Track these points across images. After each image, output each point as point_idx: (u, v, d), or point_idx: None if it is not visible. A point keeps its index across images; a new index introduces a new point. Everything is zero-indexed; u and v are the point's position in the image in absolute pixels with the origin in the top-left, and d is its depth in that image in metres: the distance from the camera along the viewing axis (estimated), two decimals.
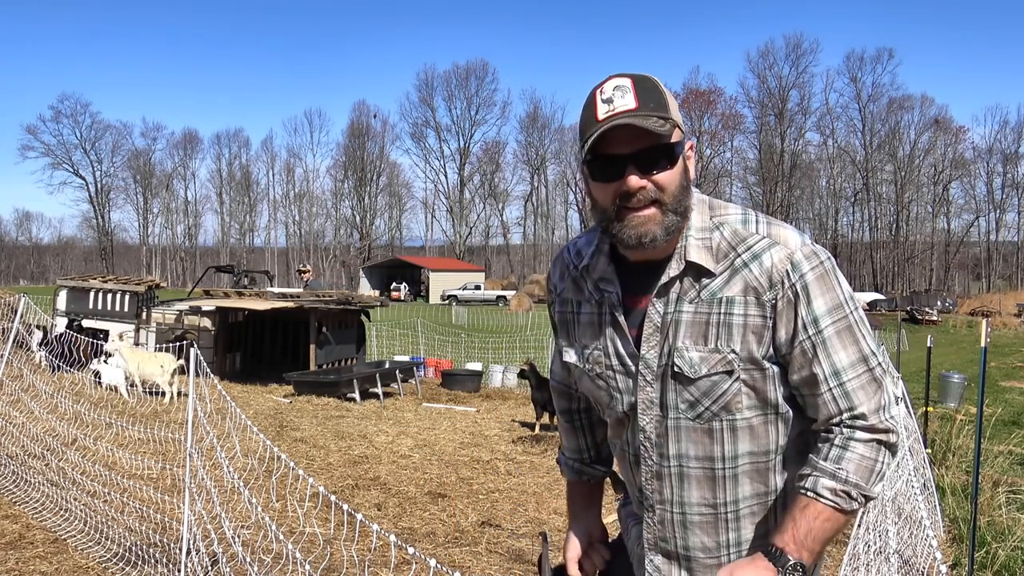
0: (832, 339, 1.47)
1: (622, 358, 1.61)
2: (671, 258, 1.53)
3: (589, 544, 1.89)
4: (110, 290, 13.60)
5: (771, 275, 1.47)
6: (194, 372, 4.10)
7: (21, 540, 4.87)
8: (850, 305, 1.50)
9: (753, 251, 1.49)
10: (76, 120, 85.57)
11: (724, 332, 1.50)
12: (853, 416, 1.47)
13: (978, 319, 39.85)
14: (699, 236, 1.53)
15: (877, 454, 1.47)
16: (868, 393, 1.47)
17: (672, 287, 1.53)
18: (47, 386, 7.22)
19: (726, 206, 1.57)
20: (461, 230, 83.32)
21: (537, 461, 7.88)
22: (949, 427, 9.29)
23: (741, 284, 1.49)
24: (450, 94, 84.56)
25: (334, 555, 4.69)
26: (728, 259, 1.50)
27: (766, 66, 76.23)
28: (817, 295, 1.47)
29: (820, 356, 1.47)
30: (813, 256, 1.49)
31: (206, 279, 21.05)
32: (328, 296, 15.01)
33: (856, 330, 1.49)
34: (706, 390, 1.53)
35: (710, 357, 1.51)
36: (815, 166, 78.47)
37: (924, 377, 9.32)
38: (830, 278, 1.49)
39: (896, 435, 1.49)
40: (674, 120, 1.47)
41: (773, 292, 1.47)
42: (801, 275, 1.47)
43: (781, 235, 1.50)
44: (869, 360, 1.48)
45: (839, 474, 1.46)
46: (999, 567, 4.97)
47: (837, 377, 1.47)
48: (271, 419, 9.54)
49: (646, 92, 1.46)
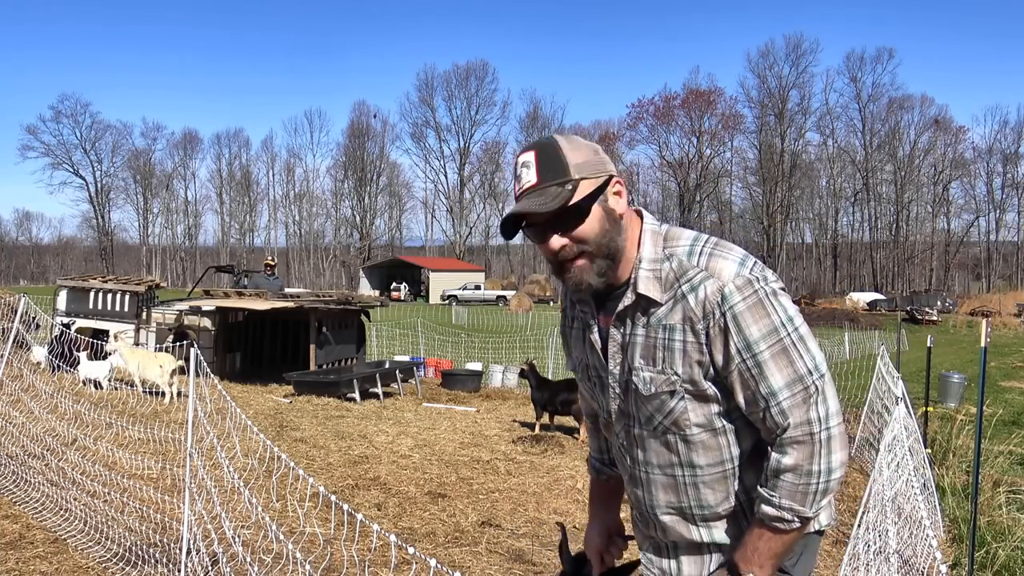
0: (767, 363, 1.58)
1: (597, 371, 1.82)
2: (627, 285, 1.69)
3: (608, 537, 2.04)
4: (110, 290, 13.59)
5: (704, 306, 1.60)
6: (194, 372, 4.09)
7: (21, 540, 4.87)
8: (786, 328, 1.59)
9: (692, 283, 1.63)
10: (76, 120, 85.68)
11: (668, 355, 1.65)
12: (785, 431, 1.59)
13: (978, 319, 39.83)
14: (649, 267, 1.67)
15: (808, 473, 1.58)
16: (802, 411, 1.58)
17: (627, 314, 1.70)
18: (47, 386, 7.22)
19: (679, 237, 1.71)
20: (461, 230, 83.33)
21: (537, 461, 7.88)
22: (949, 427, 9.29)
23: (680, 313, 1.63)
24: (450, 94, 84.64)
25: (334, 555, 4.69)
26: (672, 289, 1.65)
27: (766, 66, 76.30)
28: (749, 323, 1.58)
29: (757, 379, 1.59)
30: (747, 286, 1.59)
31: (206, 279, 21.03)
32: (328, 296, 15.01)
33: (791, 352, 1.59)
34: (657, 407, 1.70)
35: (657, 377, 1.67)
36: (815, 166, 78.49)
37: (924, 377, 9.32)
38: (764, 304, 1.59)
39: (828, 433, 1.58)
40: (575, 179, 1.61)
41: (705, 321, 1.61)
42: (731, 306, 1.58)
43: (717, 267, 1.62)
44: (804, 379, 1.59)
45: (773, 500, 1.61)
46: (999, 567, 4.97)
47: (774, 397, 1.59)
48: (271, 419, 9.54)
49: (547, 162, 1.63)
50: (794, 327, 1.60)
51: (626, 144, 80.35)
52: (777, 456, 1.61)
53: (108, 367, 10.67)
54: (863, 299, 55.39)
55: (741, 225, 79.70)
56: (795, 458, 1.59)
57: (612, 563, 2.01)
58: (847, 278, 77.16)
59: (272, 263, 16.16)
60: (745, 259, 1.64)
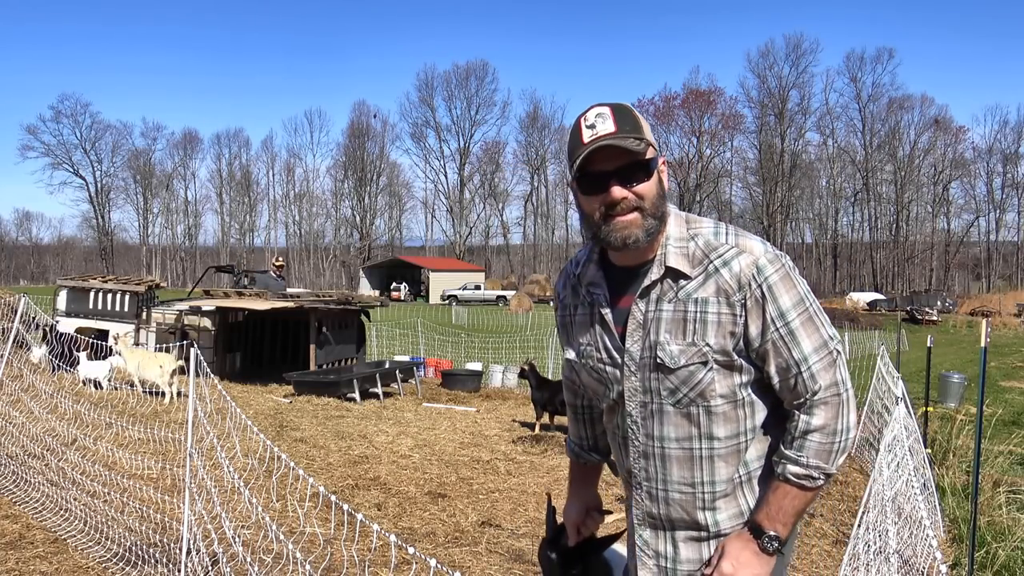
0: (798, 329, 1.71)
1: (610, 351, 1.84)
2: (652, 263, 1.78)
3: (586, 511, 2.17)
4: (110, 290, 13.59)
5: (739, 278, 1.71)
6: (194, 372, 4.09)
7: (21, 540, 4.86)
8: (809, 299, 1.74)
9: (724, 258, 1.72)
10: (76, 120, 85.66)
11: (700, 328, 1.73)
12: (814, 393, 1.71)
13: (978, 319, 39.85)
14: (677, 245, 1.76)
15: (834, 432, 1.71)
16: (829, 372, 1.72)
17: (653, 289, 1.77)
18: (47, 386, 7.22)
19: (700, 220, 1.81)
20: (461, 230, 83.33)
21: (537, 461, 7.87)
22: (949, 427, 9.29)
23: (714, 287, 1.72)
24: (450, 94, 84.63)
25: (334, 555, 4.69)
26: (702, 265, 1.74)
27: (766, 66, 76.28)
28: (782, 292, 1.71)
29: (790, 345, 1.71)
30: (776, 260, 1.73)
31: (206, 279, 21.04)
32: (328, 296, 15.01)
33: (815, 319, 1.73)
34: (684, 378, 1.75)
35: (688, 350, 1.73)
36: (815, 166, 78.49)
37: (924, 377, 9.32)
38: (791, 278, 1.73)
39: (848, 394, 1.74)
40: (648, 140, 1.71)
41: (742, 293, 1.71)
42: (765, 277, 1.70)
43: (747, 244, 1.74)
44: (828, 344, 1.73)
45: (801, 460, 1.71)
46: (999, 567, 4.97)
47: (805, 362, 1.71)
48: (271, 419, 9.54)
49: (623, 118, 1.70)
50: (812, 299, 1.75)
51: None
52: (806, 418, 1.72)
53: (108, 367, 10.67)
54: (863, 299, 55.39)
55: (741, 225, 79.46)
56: (823, 418, 1.71)
57: (588, 534, 2.16)
58: (847, 278, 77.17)
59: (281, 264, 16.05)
60: (765, 241, 1.78)
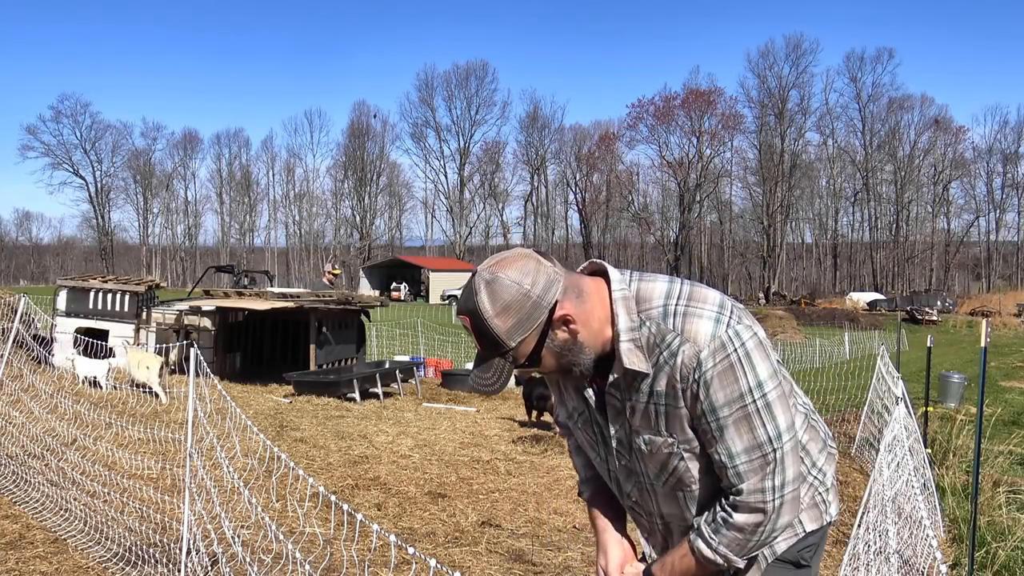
0: (728, 428, 1.61)
1: (600, 431, 1.82)
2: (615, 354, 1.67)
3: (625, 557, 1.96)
4: (110, 290, 13.59)
5: (682, 371, 1.61)
6: (194, 372, 4.09)
7: (21, 540, 4.86)
8: (754, 394, 1.60)
9: (671, 349, 1.62)
10: (76, 120, 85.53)
11: (663, 420, 1.68)
12: (737, 493, 1.65)
13: (978, 319, 39.83)
14: (628, 337, 1.64)
15: (753, 532, 1.66)
16: (756, 476, 1.63)
17: (618, 385, 1.70)
18: (47, 386, 7.22)
19: (650, 297, 1.67)
20: (461, 230, 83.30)
21: (537, 461, 7.87)
22: (949, 427, 9.29)
23: (665, 378, 1.64)
24: (450, 94, 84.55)
25: (334, 555, 4.69)
26: (655, 354, 1.64)
27: (766, 66, 76.24)
28: (716, 389, 1.59)
29: (717, 440, 1.63)
30: (720, 350, 1.59)
31: (206, 279, 21.03)
32: (328, 296, 15.00)
33: (754, 419, 1.61)
34: (662, 465, 1.74)
35: (656, 439, 1.70)
36: (815, 166, 78.46)
37: (924, 377, 9.32)
38: (735, 369, 1.59)
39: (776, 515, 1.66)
40: (512, 347, 1.60)
41: (684, 383, 1.62)
42: (703, 372, 1.59)
43: (692, 330, 1.61)
44: (763, 447, 1.62)
45: (712, 543, 1.69)
46: (999, 567, 4.97)
47: (731, 460, 1.63)
48: (271, 419, 9.54)
49: (480, 333, 1.60)
50: (762, 393, 1.61)
51: (626, 144, 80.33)
52: (727, 513, 1.67)
53: (107, 367, 10.67)
54: (863, 299, 55.38)
55: (741, 225, 79.71)
56: (743, 521, 1.66)
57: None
58: (847, 278, 77.15)
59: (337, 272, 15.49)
60: (720, 313, 1.62)
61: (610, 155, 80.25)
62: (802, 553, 1.83)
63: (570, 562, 4.96)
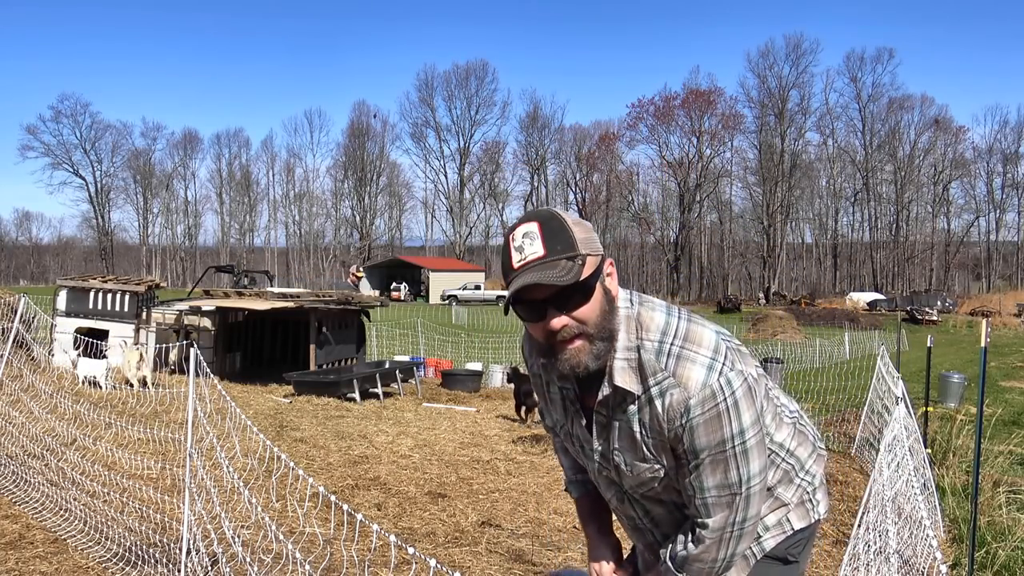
0: (705, 467, 1.68)
1: (583, 444, 1.85)
2: (605, 372, 1.69)
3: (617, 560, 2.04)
4: (110, 290, 13.58)
5: (669, 412, 1.65)
6: (194, 372, 4.09)
7: (21, 540, 4.86)
8: (734, 441, 1.66)
9: (660, 387, 1.65)
10: (76, 120, 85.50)
11: (644, 448, 1.72)
12: (703, 527, 1.74)
13: (978, 319, 39.83)
14: (624, 356, 1.68)
15: (715, 562, 1.76)
16: (721, 512, 1.71)
17: (606, 402, 1.73)
18: (47, 386, 7.22)
19: (649, 326, 1.69)
20: (461, 230, 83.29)
21: (537, 461, 7.87)
22: (949, 427, 9.28)
23: (650, 412, 1.68)
24: (450, 94, 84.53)
25: (334, 555, 4.69)
26: (643, 384, 1.68)
27: (766, 66, 76.20)
28: (701, 435, 1.64)
29: (693, 476, 1.70)
30: (710, 399, 1.63)
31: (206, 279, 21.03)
32: (328, 296, 15.00)
33: (729, 463, 1.68)
34: (644, 483, 1.79)
35: (640, 464, 1.75)
36: (815, 166, 78.43)
37: (924, 377, 9.31)
38: (721, 418, 1.64)
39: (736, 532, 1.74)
40: (584, 254, 1.59)
41: (669, 424, 1.66)
42: (690, 419, 1.63)
43: (685, 375, 1.64)
44: (732, 487, 1.69)
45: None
46: (999, 567, 4.97)
47: (702, 492, 1.71)
48: (271, 419, 9.54)
49: (552, 235, 1.59)
50: (742, 440, 1.66)
51: (626, 144, 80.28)
52: (692, 546, 1.76)
53: (105, 366, 10.69)
54: (863, 299, 55.37)
55: (741, 225, 79.69)
56: (703, 550, 1.75)
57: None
58: (847, 278, 77.13)
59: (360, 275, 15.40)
60: (714, 360, 1.65)
61: (610, 155, 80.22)
62: (790, 550, 1.89)
63: (570, 562, 4.96)
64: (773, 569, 1.89)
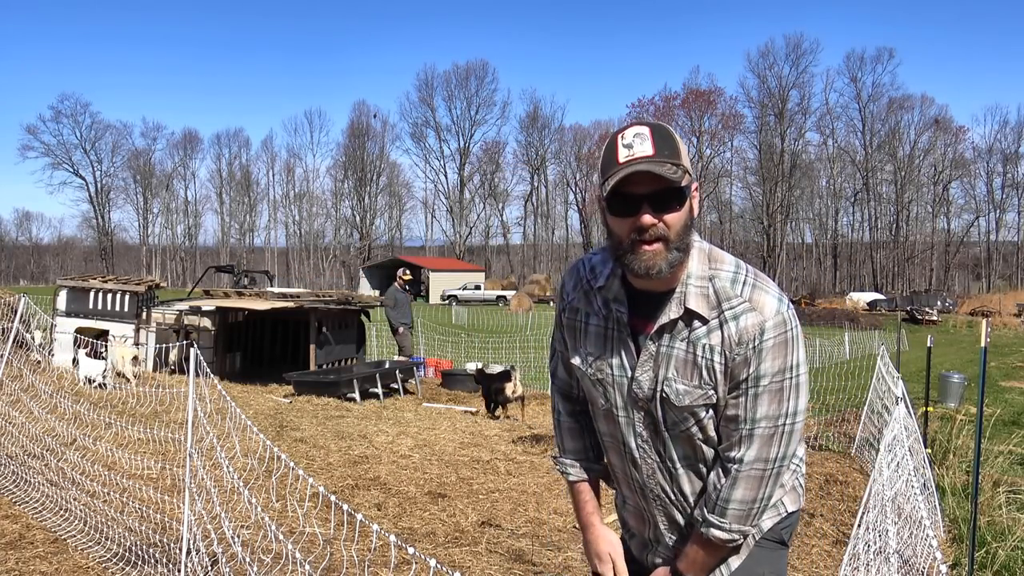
0: (762, 395, 1.73)
1: (624, 372, 1.83)
2: (671, 295, 1.76)
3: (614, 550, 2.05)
4: (110, 290, 13.58)
5: (742, 335, 1.71)
6: (194, 372, 4.09)
7: (21, 540, 4.86)
8: (792, 372, 1.74)
9: (735, 312, 1.72)
10: (76, 120, 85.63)
11: (707, 374, 1.75)
12: (740, 459, 1.77)
13: (978, 319, 39.84)
14: (698, 284, 1.75)
15: (754, 500, 1.79)
16: (765, 444, 1.75)
17: (669, 327, 1.77)
18: (47, 386, 7.22)
19: (722, 259, 1.79)
20: (461, 230, 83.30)
21: (537, 461, 7.87)
22: (949, 427, 9.29)
23: (720, 336, 1.73)
24: (450, 94, 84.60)
25: (334, 555, 4.69)
26: (716, 311, 1.74)
27: (766, 66, 76.25)
28: (768, 359, 1.71)
29: (748, 404, 1.74)
30: (781, 325, 1.72)
31: (206, 279, 21.04)
32: (328, 296, 15.00)
33: (785, 392, 1.74)
34: (687, 416, 1.80)
35: (694, 391, 1.76)
36: (815, 166, 78.47)
37: (924, 377, 9.31)
38: (787, 345, 1.73)
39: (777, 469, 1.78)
40: (684, 167, 1.67)
41: (740, 348, 1.72)
42: (763, 341, 1.71)
43: (760, 302, 1.73)
44: (780, 419, 1.75)
45: (724, 526, 1.80)
46: (999, 567, 4.97)
47: (751, 423, 1.75)
48: (271, 419, 9.54)
49: (663, 140, 1.67)
50: (798, 372, 1.75)
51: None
52: (728, 487, 1.78)
53: (105, 365, 10.72)
54: (863, 299, 55.36)
55: (741, 225, 79.72)
56: (743, 491, 1.78)
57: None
58: (847, 278, 77.15)
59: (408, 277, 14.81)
60: (782, 296, 1.76)
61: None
62: (783, 532, 1.95)
63: (570, 562, 4.96)
64: (772, 553, 1.94)
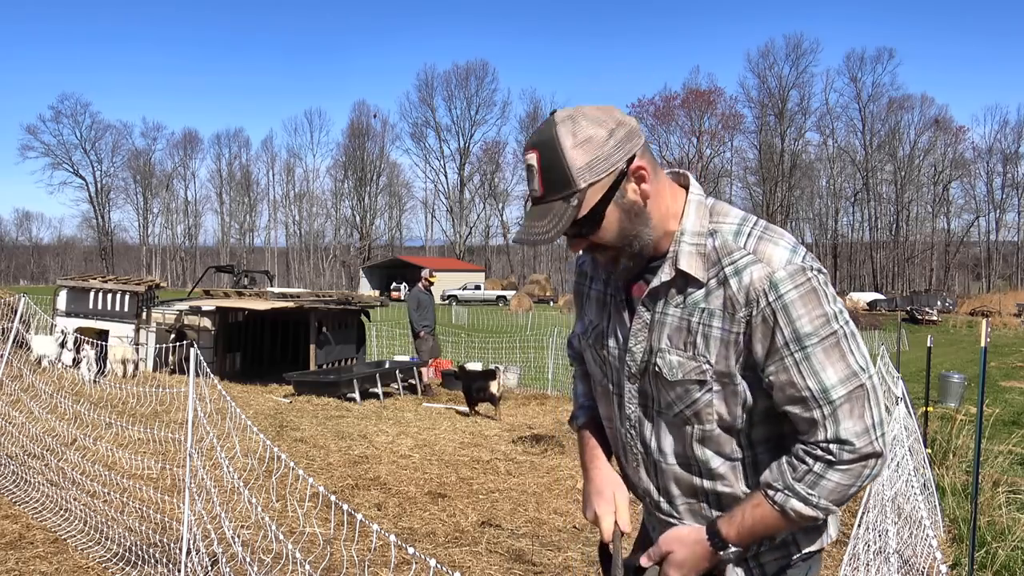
0: (818, 354, 1.43)
1: (619, 342, 1.65)
2: (664, 258, 1.54)
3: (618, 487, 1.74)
4: (110, 290, 13.58)
5: (748, 292, 1.45)
6: (194, 372, 4.09)
7: (21, 540, 4.86)
8: (839, 320, 1.45)
9: (736, 266, 1.48)
10: (76, 120, 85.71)
11: (702, 342, 1.50)
12: (840, 441, 1.43)
13: (978, 319, 39.82)
14: (692, 241, 1.52)
15: (856, 479, 1.46)
16: (857, 414, 1.43)
17: (661, 291, 1.55)
18: (47, 386, 7.22)
19: (727, 212, 1.56)
20: (461, 230, 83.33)
21: (537, 461, 7.87)
22: (949, 427, 9.28)
23: (721, 298, 1.49)
24: (450, 94, 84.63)
25: (334, 555, 4.69)
26: (715, 269, 1.50)
27: (766, 66, 76.31)
28: (800, 312, 1.43)
29: (806, 374, 1.44)
30: (799, 273, 1.44)
31: (206, 279, 21.05)
32: (328, 296, 15.00)
33: (845, 344, 1.44)
34: (680, 394, 1.55)
35: (687, 363, 1.52)
36: (815, 166, 78.51)
37: (924, 377, 9.32)
38: (817, 294, 1.44)
39: (883, 458, 1.46)
40: (582, 189, 1.44)
41: (748, 309, 1.46)
42: (779, 295, 1.43)
43: (767, 252, 1.47)
44: (859, 375, 1.44)
45: (811, 499, 1.47)
46: (999, 567, 4.97)
47: (826, 395, 1.43)
48: (271, 419, 9.54)
49: (549, 169, 1.44)
50: (845, 320, 1.46)
51: None
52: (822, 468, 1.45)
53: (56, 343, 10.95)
54: (863, 299, 55.37)
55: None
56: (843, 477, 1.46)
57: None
58: (847, 278, 77.15)
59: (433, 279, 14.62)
60: (796, 247, 1.49)
61: None
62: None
63: (570, 562, 4.96)
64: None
